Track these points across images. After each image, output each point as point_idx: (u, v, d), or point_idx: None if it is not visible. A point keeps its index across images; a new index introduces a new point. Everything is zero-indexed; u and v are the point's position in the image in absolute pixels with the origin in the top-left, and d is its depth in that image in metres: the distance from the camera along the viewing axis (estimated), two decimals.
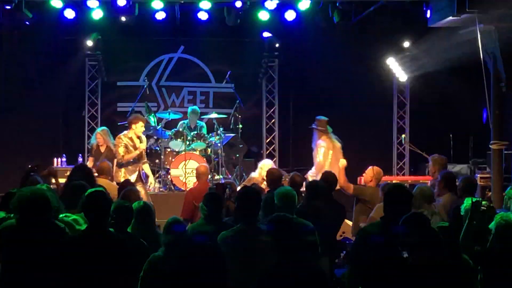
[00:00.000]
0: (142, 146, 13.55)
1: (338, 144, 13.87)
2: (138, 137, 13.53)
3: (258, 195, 7.30)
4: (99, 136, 13.98)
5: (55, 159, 15.49)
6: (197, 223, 7.70)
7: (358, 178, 12.85)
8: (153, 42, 17.77)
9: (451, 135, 15.90)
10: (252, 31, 16.65)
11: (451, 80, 16.52)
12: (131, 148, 13.39)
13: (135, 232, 7.16)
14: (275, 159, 17.26)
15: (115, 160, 13.35)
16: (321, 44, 16.90)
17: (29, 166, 10.89)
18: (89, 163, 13.58)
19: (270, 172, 10.75)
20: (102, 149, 13.86)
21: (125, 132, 13.66)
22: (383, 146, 17.54)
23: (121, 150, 13.35)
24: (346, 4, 14.68)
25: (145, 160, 13.93)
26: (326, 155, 13.60)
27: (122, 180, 12.54)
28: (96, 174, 11.13)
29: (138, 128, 13.50)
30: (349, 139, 16.73)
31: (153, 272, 6.25)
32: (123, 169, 13.39)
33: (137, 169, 13.47)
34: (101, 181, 10.81)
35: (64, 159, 15.51)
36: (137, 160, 13.49)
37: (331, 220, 8.80)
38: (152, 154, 15.28)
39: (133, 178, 13.12)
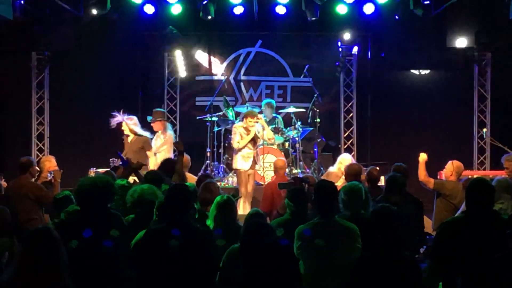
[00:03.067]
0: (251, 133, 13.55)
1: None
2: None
3: (335, 188, 7.26)
4: (125, 126, 13.31)
5: None
6: (282, 218, 7.67)
7: (438, 173, 12.68)
8: (231, 36, 17.84)
9: None
10: (330, 25, 16.59)
11: None
12: (244, 136, 13.49)
13: (218, 225, 7.24)
14: (353, 153, 17.16)
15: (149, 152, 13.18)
16: (399, 38, 16.76)
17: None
18: None
19: (349, 167, 10.69)
20: (129, 139, 13.27)
21: (240, 122, 13.84)
22: (463, 141, 17.25)
23: (236, 137, 13.55)
24: None
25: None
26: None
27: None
28: None
29: (248, 121, 13.53)
30: (429, 134, 16.61)
31: (232, 264, 6.29)
32: (238, 156, 13.57)
33: (252, 156, 13.53)
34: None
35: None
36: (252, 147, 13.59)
37: (409, 215, 8.70)
38: (230, 148, 15.34)
39: (247, 165, 13.46)
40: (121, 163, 10.90)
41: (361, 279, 5.88)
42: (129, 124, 13.22)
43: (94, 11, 15.41)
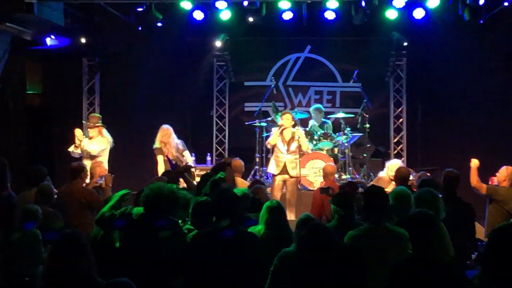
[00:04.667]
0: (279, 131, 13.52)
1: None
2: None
3: (385, 194, 7.21)
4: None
5: None
6: (330, 224, 7.65)
7: (490, 178, 12.52)
8: (280, 42, 17.87)
9: None
10: (380, 30, 16.48)
11: None
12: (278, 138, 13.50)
13: (269, 229, 7.30)
14: (403, 158, 17.03)
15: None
16: (450, 42, 16.59)
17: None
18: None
19: (398, 171, 10.64)
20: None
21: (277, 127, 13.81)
22: None
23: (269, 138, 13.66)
24: (477, 1, 14.32)
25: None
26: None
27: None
28: None
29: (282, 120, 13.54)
30: (481, 139, 16.39)
31: (283, 267, 6.28)
32: (272, 160, 13.65)
33: (283, 161, 13.46)
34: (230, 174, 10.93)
35: (193, 158, 15.72)
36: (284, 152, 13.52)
37: (457, 220, 8.61)
38: None
39: (277, 169, 13.45)
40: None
41: (397, 285, 5.82)
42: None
43: (145, 18, 15.50)
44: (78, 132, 13.75)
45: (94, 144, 13.68)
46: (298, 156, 13.57)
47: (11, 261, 8.33)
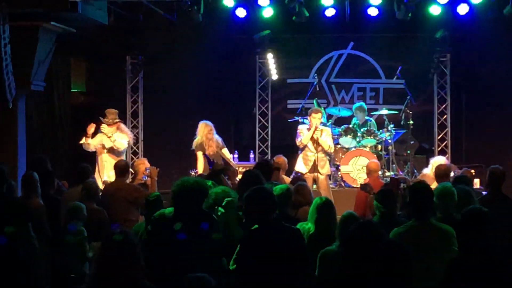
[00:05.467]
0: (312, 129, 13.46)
1: None
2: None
3: (430, 190, 7.16)
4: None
5: None
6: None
7: None
8: (322, 38, 17.79)
9: None
10: (423, 26, 16.35)
11: None
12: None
13: (318, 227, 7.36)
14: (447, 155, 16.88)
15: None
16: (495, 38, 16.42)
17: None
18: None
19: (437, 168, 10.56)
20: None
21: (304, 125, 13.95)
22: None
23: (299, 137, 13.59)
24: None
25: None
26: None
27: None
28: None
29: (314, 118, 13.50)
30: None
31: (326, 265, 6.28)
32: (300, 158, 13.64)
33: (313, 159, 13.44)
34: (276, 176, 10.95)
35: (235, 155, 15.75)
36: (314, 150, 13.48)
37: (502, 218, 8.53)
38: None
39: (305, 168, 13.47)
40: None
41: (452, 283, 5.77)
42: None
43: (187, 16, 15.55)
44: (91, 127, 13.81)
45: (124, 140, 13.79)
46: (326, 154, 13.57)
47: (58, 258, 8.44)
